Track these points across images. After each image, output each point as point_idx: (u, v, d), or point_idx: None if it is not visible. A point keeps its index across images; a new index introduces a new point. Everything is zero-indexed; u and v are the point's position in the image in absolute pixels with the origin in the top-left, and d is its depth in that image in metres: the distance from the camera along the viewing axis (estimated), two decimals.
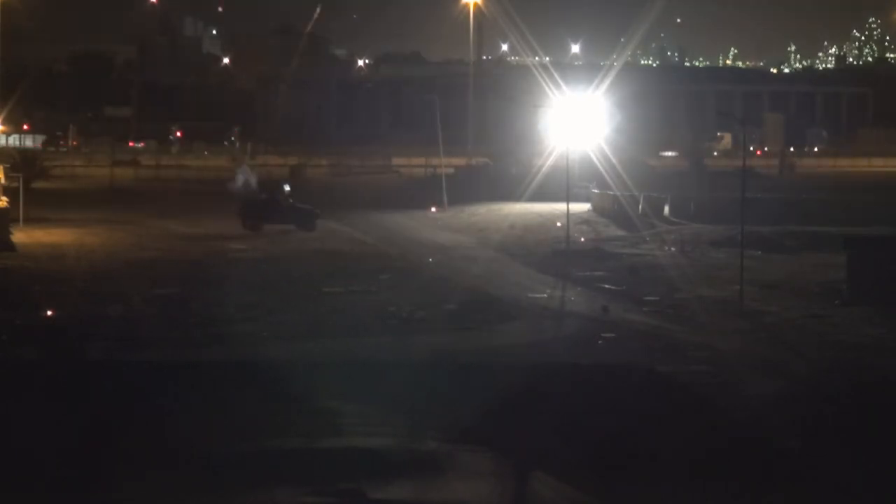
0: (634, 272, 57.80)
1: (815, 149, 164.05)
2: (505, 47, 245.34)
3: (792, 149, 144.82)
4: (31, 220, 73.26)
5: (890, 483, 26.67)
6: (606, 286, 53.42)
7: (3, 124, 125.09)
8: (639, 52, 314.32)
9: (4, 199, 73.00)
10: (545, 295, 51.43)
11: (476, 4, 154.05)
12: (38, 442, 27.80)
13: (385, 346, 39.77)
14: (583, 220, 78.82)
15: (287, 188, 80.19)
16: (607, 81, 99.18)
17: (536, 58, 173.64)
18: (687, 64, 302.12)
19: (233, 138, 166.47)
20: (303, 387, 31.85)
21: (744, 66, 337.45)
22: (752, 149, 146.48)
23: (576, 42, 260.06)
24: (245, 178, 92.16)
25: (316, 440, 28.52)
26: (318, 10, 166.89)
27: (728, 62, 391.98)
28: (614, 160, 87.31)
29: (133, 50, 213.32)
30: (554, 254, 63.93)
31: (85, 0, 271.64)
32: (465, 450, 28.06)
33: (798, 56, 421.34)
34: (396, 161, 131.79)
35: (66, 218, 77.94)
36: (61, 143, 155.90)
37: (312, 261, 59.99)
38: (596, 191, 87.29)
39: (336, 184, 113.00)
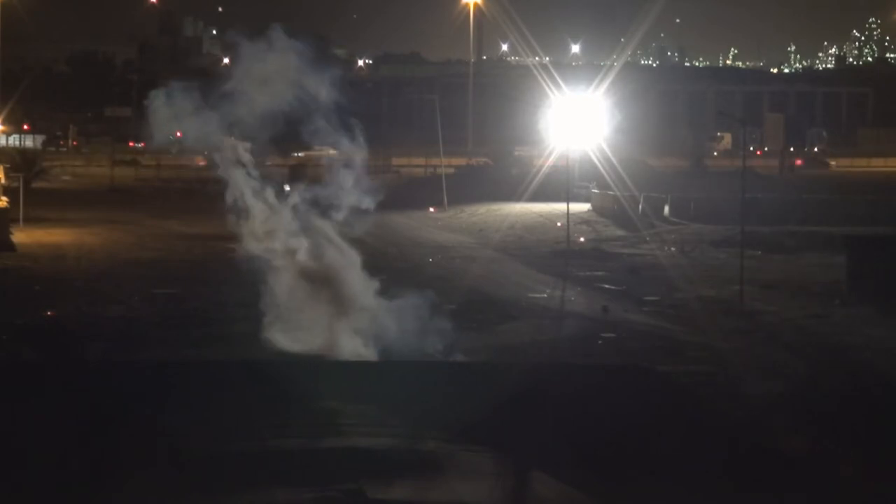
0: (634, 272, 57.84)
1: (815, 149, 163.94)
2: (505, 47, 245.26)
3: (792, 149, 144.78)
4: (31, 220, 73.21)
5: (890, 483, 26.66)
6: (606, 286, 53.44)
7: (3, 124, 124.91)
8: (639, 52, 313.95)
9: (4, 199, 73.03)
10: (545, 295, 51.44)
11: (476, 4, 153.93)
12: (39, 442, 27.77)
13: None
14: (583, 220, 78.82)
15: (287, 188, 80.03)
16: (607, 81, 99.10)
17: (536, 58, 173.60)
18: (687, 64, 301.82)
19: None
20: (303, 387, 31.82)
21: (744, 66, 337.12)
22: (752, 149, 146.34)
23: (576, 42, 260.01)
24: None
25: (316, 440, 28.49)
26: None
27: (728, 62, 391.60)
28: (614, 160, 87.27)
29: (133, 50, 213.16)
30: (554, 254, 63.97)
31: (85, 0, 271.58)
32: (465, 450, 28.04)
33: (798, 56, 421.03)
34: (396, 161, 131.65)
35: (66, 218, 77.91)
36: (61, 143, 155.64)
37: None
38: (596, 191, 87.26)
39: None
